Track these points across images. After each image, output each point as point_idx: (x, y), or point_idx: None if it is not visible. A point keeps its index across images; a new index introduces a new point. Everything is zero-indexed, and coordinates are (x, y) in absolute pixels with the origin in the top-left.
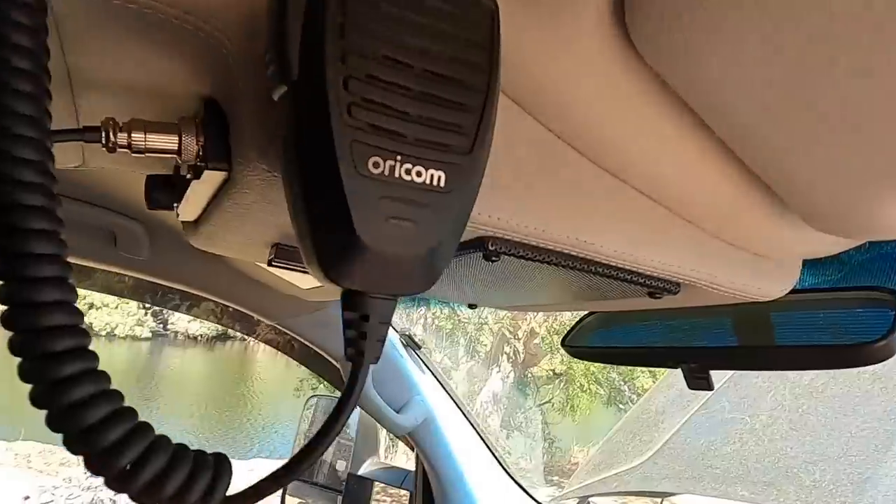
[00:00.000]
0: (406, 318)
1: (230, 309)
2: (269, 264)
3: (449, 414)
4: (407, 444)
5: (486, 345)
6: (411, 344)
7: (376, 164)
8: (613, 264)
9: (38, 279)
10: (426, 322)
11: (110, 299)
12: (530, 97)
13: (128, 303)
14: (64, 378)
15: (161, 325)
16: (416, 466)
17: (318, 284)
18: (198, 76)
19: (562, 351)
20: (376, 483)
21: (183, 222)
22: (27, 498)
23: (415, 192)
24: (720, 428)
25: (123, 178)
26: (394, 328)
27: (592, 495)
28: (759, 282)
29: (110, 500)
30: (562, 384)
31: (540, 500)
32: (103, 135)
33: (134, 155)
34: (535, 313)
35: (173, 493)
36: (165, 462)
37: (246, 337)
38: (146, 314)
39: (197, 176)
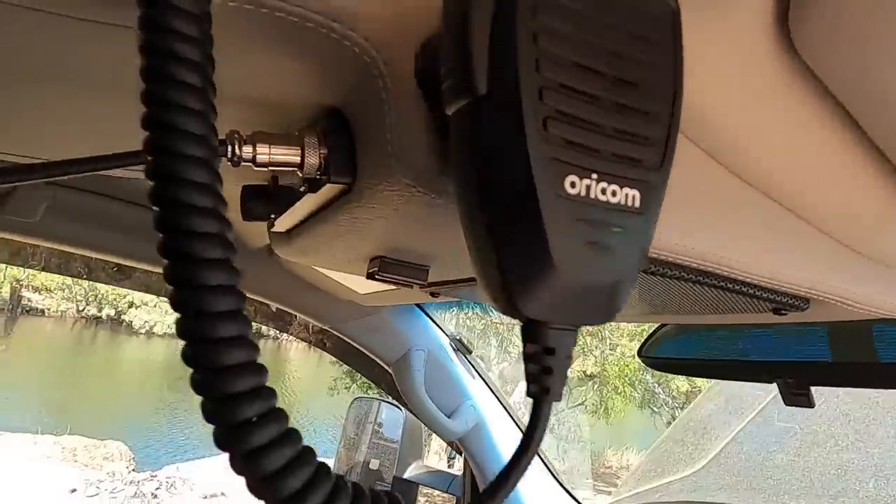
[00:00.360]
0: (438, 318)
1: (264, 307)
2: (372, 277)
3: (499, 420)
4: (455, 448)
5: (518, 345)
6: (462, 349)
7: (573, 184)
8: (742, 278)
9: (215, 314)
10: (458, 322)
11: (149, 298)
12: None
13: (166, 302)
14: (246, 421)
15: None
16: (465, 471)
17: (378, 290)
18: (327, 86)
19: (595, 352)
20: (421, 487)
21: (273, 234)
22: (74, 490)
23: (611, 215)
24: (777, 437)
25: None
26: (444, 332)
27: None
28: (886, 296)
29: (151, 493)
30: (595, 386)
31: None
32: (229, 148)
33: (256, 169)
34: None
35: None
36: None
37: (279, 336)
38: None
39: (314, 189)
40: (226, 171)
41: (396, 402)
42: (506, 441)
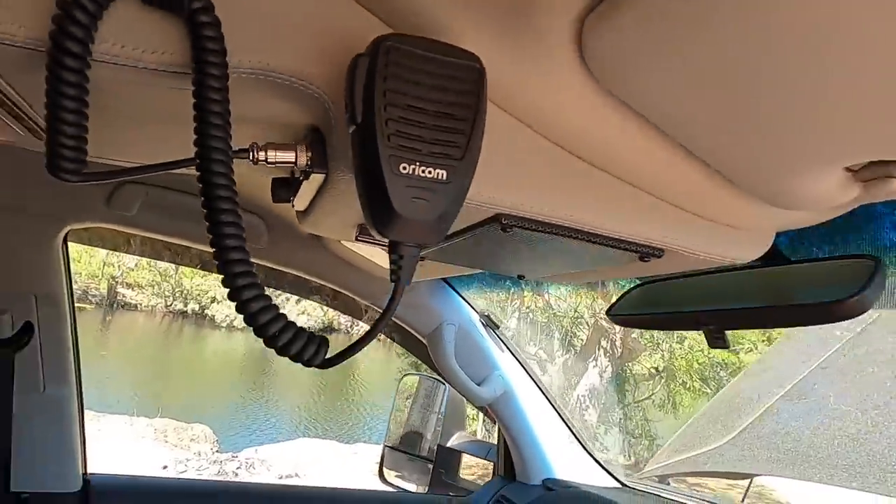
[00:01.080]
0: (501, 313)
1: (337, 301)
2: (356, 240)
3: (526, 389)
4: (487, 415)
5: (582, 338)
6: (490, 324)
7: (404, 168)
8: (605, 234)
9: (248, 287)
10: (520, 315)
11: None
12: (525, 114)
13: None
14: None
15: None
16: (498, 439)
17: None
18: (305, 114)
19: (662, 347)
20: (464, 454)
21: (297, 212)
22: (165, 467)
23: (427, 183)
24: (804, 415)
25: (243, 181)
26: (474, 309)
27: (671, 475)
28: (732, 249)
29: (233, 472)
30: (662, 380)
31: (614, 474)
32: (251, 153)
33: (268, 166)
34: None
35: (298, 351)
36: (302, 338)
37: (349, 330)
38: None
39: (306, 178)
40: (258, 169)
41: (441, 378)
42: (533, 408)
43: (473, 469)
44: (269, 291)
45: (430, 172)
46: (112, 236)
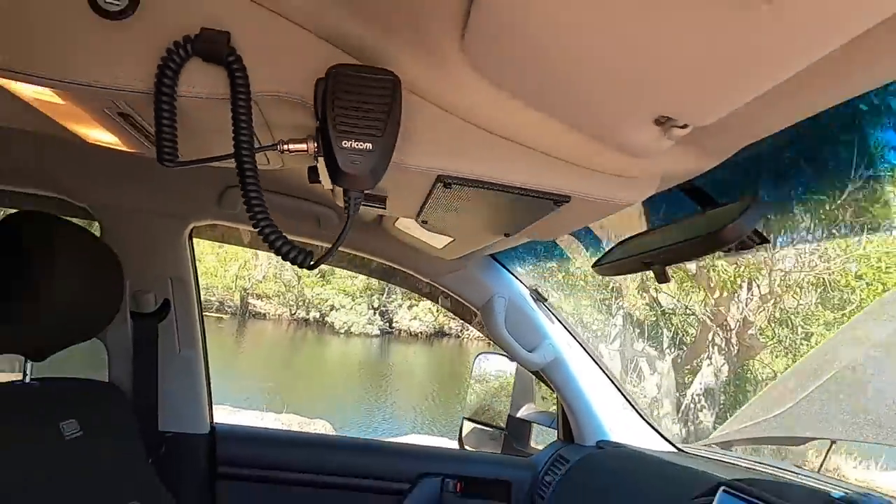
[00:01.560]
0: (605, 311)
1: (448, 306)
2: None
3: (577, 356)
4: (540, 378)
5: (693, 335)
6: (539, 298)
7: (345, 144)
8: (521, 186)
9: (263, 220)
10: (626, 314)
11: (346, 301)
12: (443, 102)
13: (361, 304)
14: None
15: (387, 324)
16: (557, 406)
17: (445, 244)
18: (309, 118)
19: (785, 342)
20: (532, 424)
21: (328, 190)
22: None
23: (359, 151)
24: (861, 385)
25: (318, 185)
26: (524, 284)
27: (732, 441)
28: (621, 193)
29: None
30: None
31: (669, 438)
32: (279, 146)
33: (291, 155)
34: (746, 302)
35: (294, 257)
36: (297, 251)
37: (460, 334)
38: (374, 314)
39: (317, 160)
40: (289, 157)
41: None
42: (584, 373)
43: (546, 437)
44: (383, 296)
45: (360, 145)
46: (243, 251)
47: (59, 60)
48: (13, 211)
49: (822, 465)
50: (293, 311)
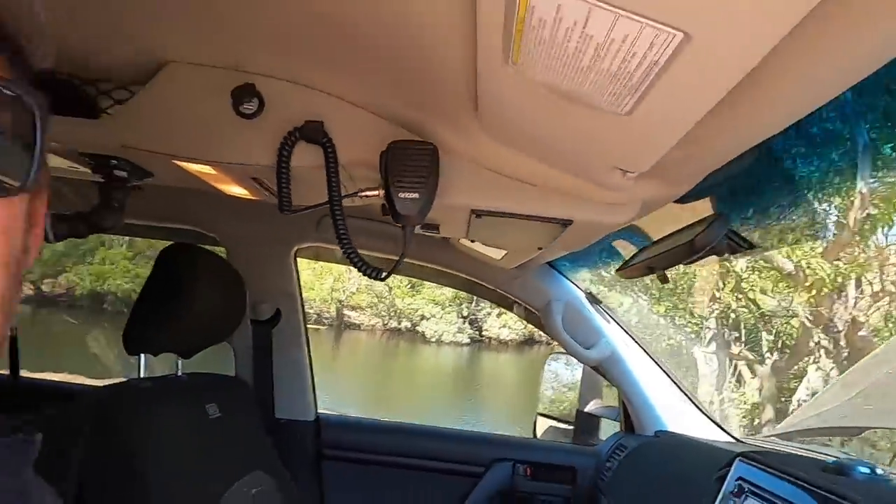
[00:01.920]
0: (697, 312)
1: (522, 314)
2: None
3: (633, 353)
4: (600, 373)
5: (794, 337)
6: (594, 300)
7: (401, 195)
8: (532, 214)
9: (347, 245)
10: (719, 315)
11: (436, 311)
12: (469, 157)
13: (450, 314)
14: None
15: (477, 332)
16: (619, 400)
17: (502, 256)
18: (378, 174)
19: None
20: (601, 418)
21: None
22: None
23: (410, 199)
24: None
25: None
26: (580, 288)
27: (795, 431)
28: (612, 217)
29: None
30: None
31: (728, 430)
32: (358, 194)
33: (367, 200)
34: (855, 301)
35: (369, 273)
36: (372, 269)
37: (550, 342)
38: (465, 323)
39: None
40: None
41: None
42: (641, 369)
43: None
44: (472, 305)
45: (411, 195)
46: (337, 266)
47: (217, 148)
48: (167, 243)
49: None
50: (385, 322)
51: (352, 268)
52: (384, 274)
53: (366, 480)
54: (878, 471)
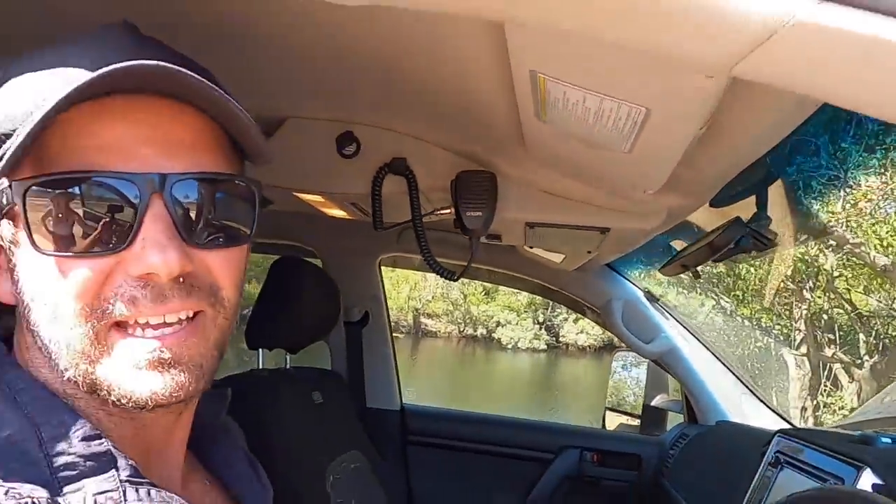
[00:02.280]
0: (786, 315)
1: (595, 318)
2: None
3: (692, 347)
4: (661, 367)
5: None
6: (651, 298)
7: (469, 213)
8: (576, 224)
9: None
10: (810, 316)
11: (512, 317)
12: (524, 181)
13: (526, 320)
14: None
15: (554, 339)
16: (682, 393)
17: (561, 260)
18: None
19: None
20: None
21: None
22: None
23: (476, 216)
24: None
25: None
26: (638, 287)
27: (872, 419)
28: (641, 224)
29: None
30: None
31: (787, 417)
32: (433, 212)
33: (440, 217)
34: None
35: (444, 275)
36: (444, 270)
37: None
38: (541, 329)
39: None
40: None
41: None
42: (700, 362)
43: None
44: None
45: (476, 213)
46: (413, 274)
47: (325, 182)
48: (275, 257)
49: None
50: (461, 329)
51: (427, 277)
52: (457, 275)
53: (446, 464)
54: None
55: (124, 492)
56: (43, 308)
